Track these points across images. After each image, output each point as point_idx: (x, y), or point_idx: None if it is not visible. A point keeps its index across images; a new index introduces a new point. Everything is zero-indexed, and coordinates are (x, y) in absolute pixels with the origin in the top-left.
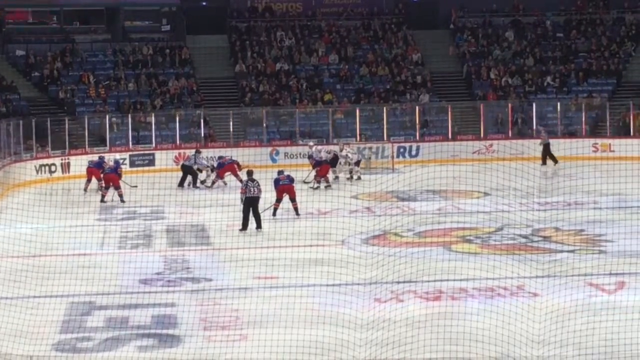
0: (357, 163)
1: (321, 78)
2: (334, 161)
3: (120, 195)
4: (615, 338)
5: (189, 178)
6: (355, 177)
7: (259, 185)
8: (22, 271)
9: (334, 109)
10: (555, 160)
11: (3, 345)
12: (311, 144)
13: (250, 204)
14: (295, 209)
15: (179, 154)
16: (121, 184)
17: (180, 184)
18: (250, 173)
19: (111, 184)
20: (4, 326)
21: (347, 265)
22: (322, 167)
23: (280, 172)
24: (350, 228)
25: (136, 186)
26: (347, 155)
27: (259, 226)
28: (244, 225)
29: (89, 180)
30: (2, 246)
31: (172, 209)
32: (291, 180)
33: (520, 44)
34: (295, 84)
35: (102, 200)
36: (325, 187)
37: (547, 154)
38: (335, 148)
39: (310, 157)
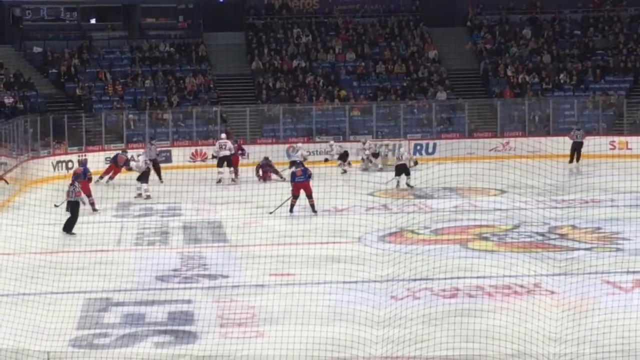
0: (376, 155)
1: (338, 75)
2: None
3: (92, 204)
4: (632, 336)
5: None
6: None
7: (77, 189)
8: (40, 267)
9: (351, 107)
10: (577, 159)
11: (21, 341)
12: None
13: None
14: (312, 205)
15: (196, 150)
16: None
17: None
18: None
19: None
20: (21, 322)
21: (364, 263)
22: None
23: (297, 165)
24: (367, 225)
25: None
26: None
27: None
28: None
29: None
30: (20, 242)
31: (188, 205)
32: (308, 176)
33: (537, 41)
34: (312, 81)
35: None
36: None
37: (575, 151)
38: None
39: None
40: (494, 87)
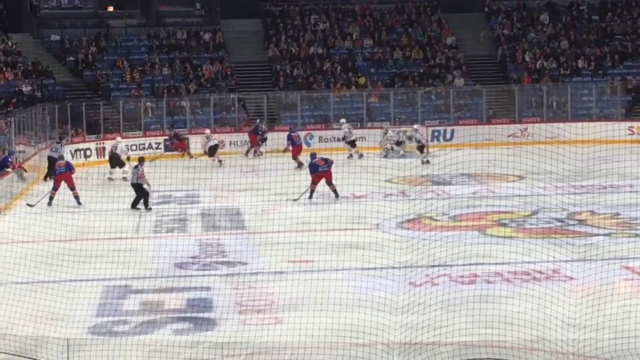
0: (399, 143)
1: (355, 62)
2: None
3: (76, 197)
4: None
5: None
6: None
7: (139, 172)
8: (59, 255)
9: (368, 93)
10: None
11: (40, 328)
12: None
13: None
14: (335, 191)
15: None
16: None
17: (44, 178)
18: (141, 160)
19: (63, 183)
20: (41, 309)
21: (382, 249)
22: None
23: (313, 156)
24: (385, 212)
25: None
26: None
27: (146, 207)
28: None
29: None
30: (39, 230)
31: (207, 192)
32: (329, 165)
33: (555, 26)
34: (329, 68)
35: (49, 203)
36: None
37: None
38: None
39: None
40: (512, 73)
